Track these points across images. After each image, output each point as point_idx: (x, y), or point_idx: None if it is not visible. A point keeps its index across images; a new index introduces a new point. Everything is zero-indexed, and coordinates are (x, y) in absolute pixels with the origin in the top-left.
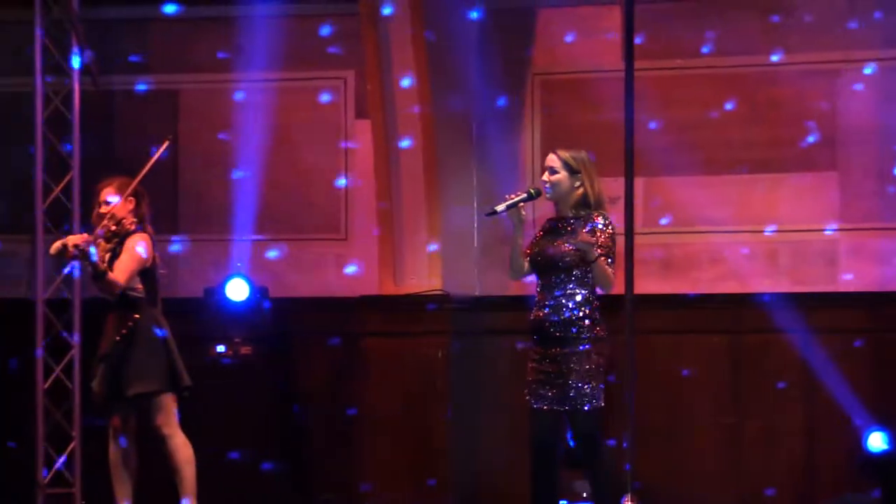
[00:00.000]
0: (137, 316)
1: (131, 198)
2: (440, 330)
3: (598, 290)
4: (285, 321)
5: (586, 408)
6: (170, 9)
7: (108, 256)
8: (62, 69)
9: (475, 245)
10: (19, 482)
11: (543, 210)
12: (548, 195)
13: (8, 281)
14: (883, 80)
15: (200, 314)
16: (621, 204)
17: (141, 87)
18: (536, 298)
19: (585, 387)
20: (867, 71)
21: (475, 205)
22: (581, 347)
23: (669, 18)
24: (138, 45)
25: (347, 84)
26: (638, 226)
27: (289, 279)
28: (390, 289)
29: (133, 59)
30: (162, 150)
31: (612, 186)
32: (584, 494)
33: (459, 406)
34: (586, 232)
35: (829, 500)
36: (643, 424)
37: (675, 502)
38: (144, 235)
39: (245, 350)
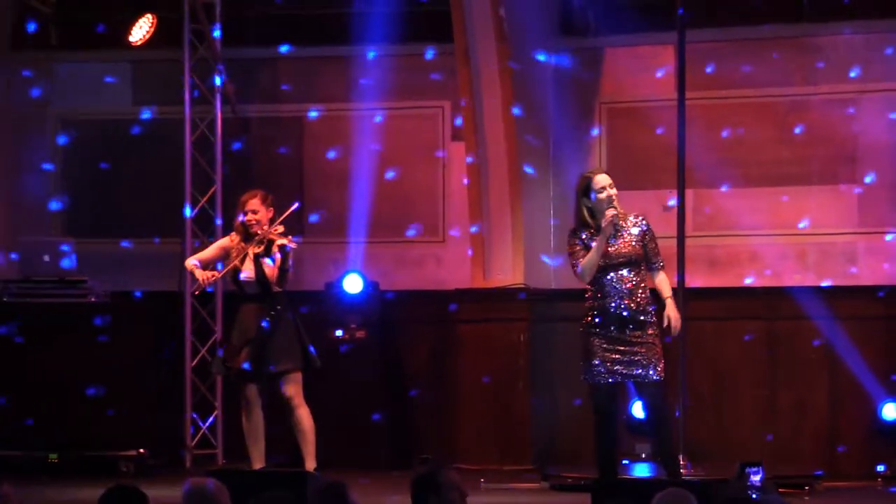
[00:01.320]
0: (279, 307)
1: (271, 208)
2: (522, 317)
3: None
4: (393, 310)
5: (656, 380)
6: (297, 49)
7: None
8: (206, 99)
9: (551, 246)
10: (172, 445)
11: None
12: (621, 214)
13: (162, 277)
14: (894, 107)
15: (322, 304)
16: (675, 212)
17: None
18: (609, 291)
19: (656, 364)
20: (881, 99)
21: (551, 212)
22: (650, 331)
23: (715, 56)
24: (270, 78)
25: (444, 111)
26: (689, 230)
27: (396, 275)
28: (480, 283)
29: (266, 90)
30: (293, 208)
31: (667, 197)
32: (643, 455)
33: (537, 381)
34: (644, 232)
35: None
36: (693, 396)
37: (720, 460)
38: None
39: (359, 334)
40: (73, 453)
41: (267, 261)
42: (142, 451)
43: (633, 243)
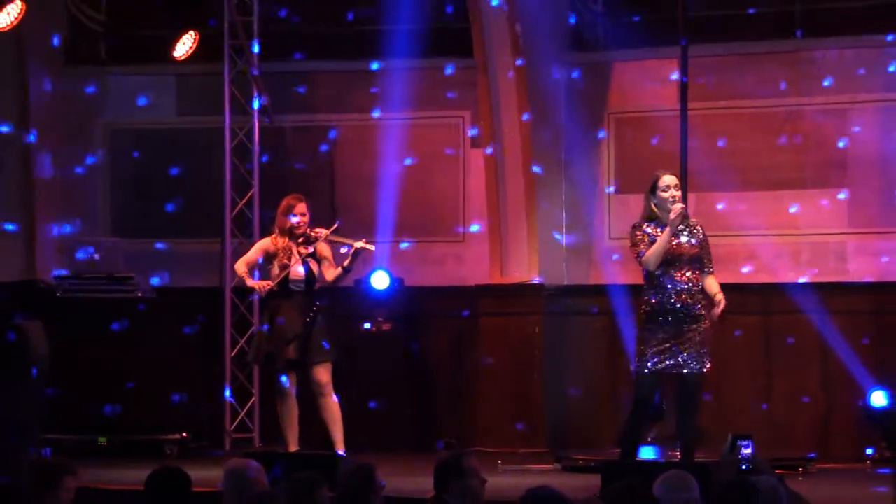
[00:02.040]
0: (318, 302)
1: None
2: (536, 311)
3: None
4: (417, 305)
5: (702, 374)
6: (328, 63)
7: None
8: (245, 109)
9: (563, 244)
10: (212, 429)
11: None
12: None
13: (204, 274)
14: (884, 117)
15: (351, 299)
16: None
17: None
18: (669, 286)
19: (703, 359)
20: (870, 110)
21: (563, 213)
22: (703, 327)
23: (716, 69)
24: (304, 90)
25: (465, 121)
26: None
27: (419, 272)
28: (498, 279)
29: (300, 101)
30: (336, 226)
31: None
32: (649, 438)
33: (550, 371)
34: (703, 237)
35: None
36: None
37: (719, 445)
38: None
39: (386, 327)
40: (121, 437)
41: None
42: (184, 434)
43: (695, 244)
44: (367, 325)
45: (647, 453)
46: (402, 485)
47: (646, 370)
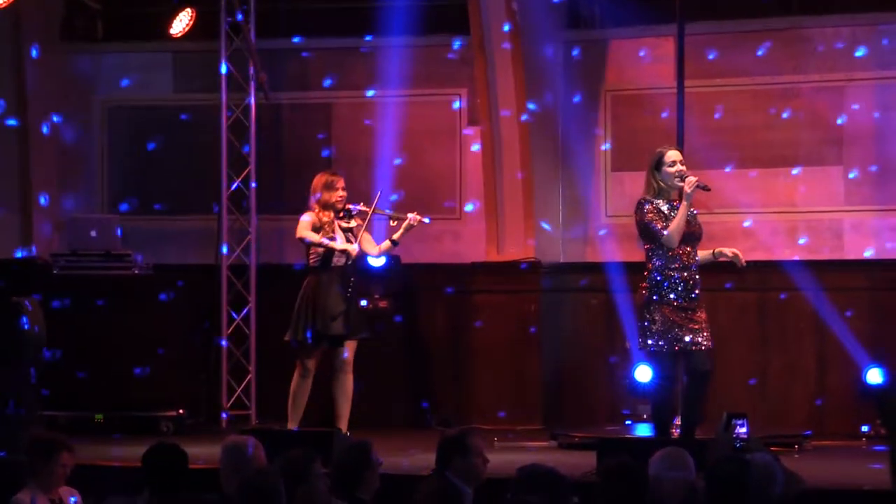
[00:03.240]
0: (353, 278)
1: None
2: (533, 289)
3: None
4: (414, 282)
5: (709, 347)
6: (324, 40)
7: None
8: (241, 87)
9: (560, 222)
10: (209, 407)
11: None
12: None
13: (200, 251)
14: (879, 94)
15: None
16: None
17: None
18: (678, 263)
19: (708, 333)
20: (866, 87)
21: (560, 191)
22: (699, 300)
23: (711, 47)
24: (301, 68)
25: (462, 98)
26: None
27: (416, 249)
28: (494, 256)
29: (296, 78)
30: (380, 194)
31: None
32: (645, 416)
33: (547, 348)
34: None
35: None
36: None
37: (717, 419)
38: None
39: (382, 304)
40: (118, 414)
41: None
42: (181, 411)
43: (698, 221)
44: (363, 303)
45: (643, 430)
46: (398, 461)
47: (661, 348)
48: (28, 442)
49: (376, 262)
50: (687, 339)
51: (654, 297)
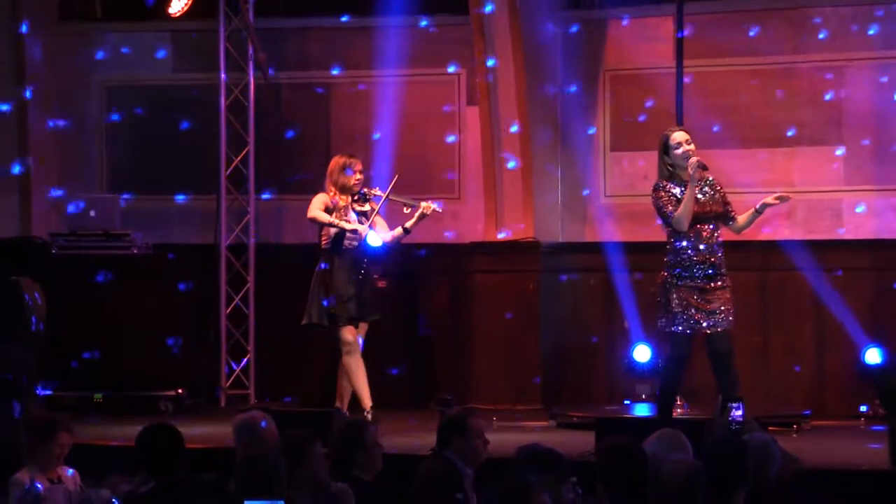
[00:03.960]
0: (366, 260)
1: None
2: (532, 269)
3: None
4: (413, 262)
5: (728, 329)
6: (324, 19)
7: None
8: (240, 67)
9: (559, 202)
10: (208, 386)
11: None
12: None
13: (200, 231)
14: (879, 74)
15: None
16: None
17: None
18: (696, 244)
19: (729, 315)
20: (866, 67)
21: (559, 170)
22: (727, 283)
23: (711, 27)
24: (300, 47)
25: (461, 79)
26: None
27: (415, 230)
28: (493, 237)
29: (295, 58)
30: (395, 182)
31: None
32: (643, 396)
33: (546, 328)
34: (722, 192)
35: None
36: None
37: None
38: None
39: (381, 284)
40: (117, 393)
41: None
42: (180, 391)
43: (718, 199)
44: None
45: (641, 410)
46: (398, 441)
47: (676, 328)
48: (25, 421)
49: (374, 242)
50: (703, 321)
51: (671, 278)
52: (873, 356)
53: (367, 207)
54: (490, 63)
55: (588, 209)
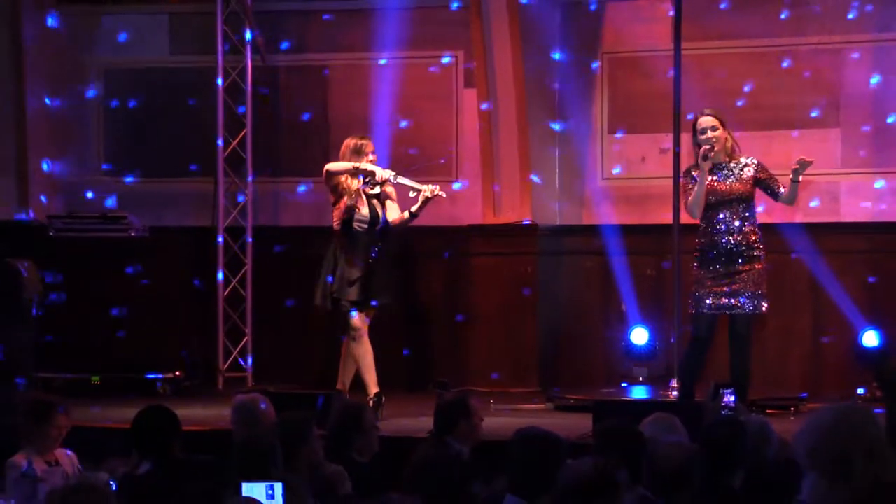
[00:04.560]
0: (381, 243)
1: None
2: (529, 251)
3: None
4: (410, 244)
5: (753, 313)
6: (321, 2)
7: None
8: (237, 49)
9: (557, 184)
10: (205, 369)
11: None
12: (714, 152)
13: (197, 213)
14: (876, 57)
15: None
16: (671, 154)
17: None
18: (721, 227)
19: (757, 299)
20: (863, 50)
21: (557, 152)
22: (758, 266)
23: (709, 9)
24: (297, 30)
25: (458, 60)
26: (683, 171)
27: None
28: (490, 219)
29: (293, 41)
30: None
31: (663, 140)
32: (641, 378)
33: (543, 310)
34: (757, 169)
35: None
36: (687, 324)
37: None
38: None
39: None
40: (114, 376)
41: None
42: (178, 373)
43: (745, 181)
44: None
45: (638, 392)
46: (395, 425)
47: (701, 310)
48: (23, 404)
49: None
50: (722, 302)
51: (694, 260)
52: (870, 339)
53: (377, 190)
54: (487, 45)
55: (586, 192)
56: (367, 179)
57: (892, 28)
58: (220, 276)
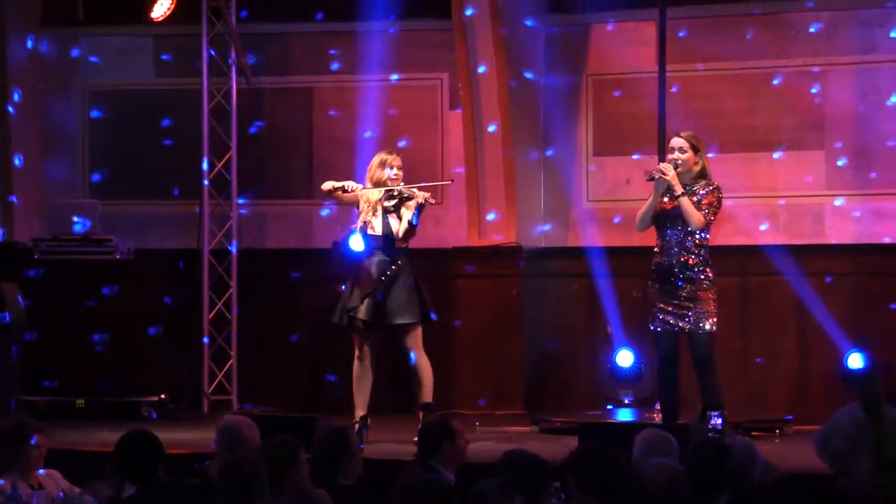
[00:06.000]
0: (400, 261)
1: None
2: (514, 273)
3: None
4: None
5: (706, 331)
6: (306, 24)
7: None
8: (222, 71)
9: (542, 207)
10: (191, 391)
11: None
12: (677, 170)
13: (182, 236)
14: (858, 79)
15: (330, 261)
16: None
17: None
18: (665, 246)
19: (705, 317)
20: (847, 71)
21: (542, 175)
22: (704, 286)
23: (693, 32)
24: (282, 52)
25: (443, 83)
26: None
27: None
28: (476, 242)
29: (278, 63)
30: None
31: (648, 163)
32: (626, 401)
33: (528, 333)
34: (704, 195)
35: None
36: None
37: (697, 405)
38: None
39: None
40: (99, 399)
41: (408, 216)
42: (163, 396)
43: (693, 203)
44: (344, 287)
45: (624, 415)
46: (381, 447)
47: (656, 327)
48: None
49: (357, 247)
50: (672, 320)
51: (651, 280)
52: (855, 361)
53: (393, 202)
54: (472, 67)
55: (571, 214)
56: (385, 193)
57: (876, 50)
58: (206, 298)
